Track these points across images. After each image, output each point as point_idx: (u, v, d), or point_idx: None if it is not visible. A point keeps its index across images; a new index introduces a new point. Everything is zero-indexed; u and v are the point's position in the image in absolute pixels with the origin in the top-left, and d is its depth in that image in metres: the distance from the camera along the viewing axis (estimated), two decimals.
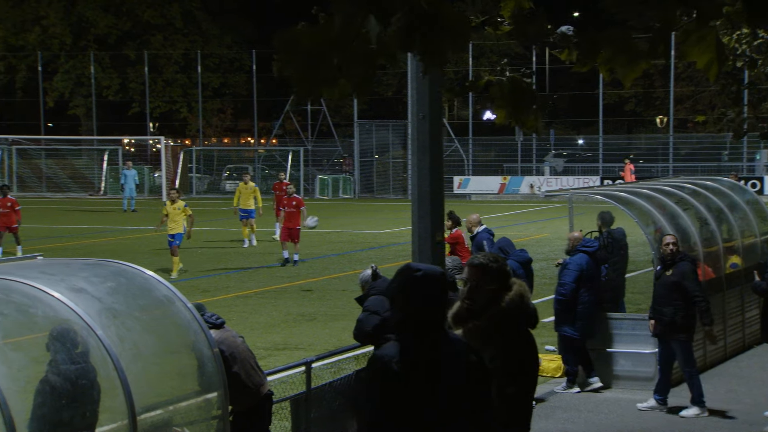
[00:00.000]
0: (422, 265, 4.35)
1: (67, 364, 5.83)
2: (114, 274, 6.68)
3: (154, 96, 53.60)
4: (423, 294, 4.14)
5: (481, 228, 13.95)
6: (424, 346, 4.12)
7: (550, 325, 12.05)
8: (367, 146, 47.31)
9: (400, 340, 4.15)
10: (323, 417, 8.49)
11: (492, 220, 24.79)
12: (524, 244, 17.97)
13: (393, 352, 4.10)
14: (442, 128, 8.48)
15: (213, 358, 6.54)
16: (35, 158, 49.37)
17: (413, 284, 4.16)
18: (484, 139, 47.78)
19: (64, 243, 25.97)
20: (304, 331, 14.80)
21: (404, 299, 4.16)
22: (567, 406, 10.69)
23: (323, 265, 22.17)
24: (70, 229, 30.29)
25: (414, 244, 8.56)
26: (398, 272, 4.29)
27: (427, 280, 4.17)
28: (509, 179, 45.13)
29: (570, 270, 11.08)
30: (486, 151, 48.63)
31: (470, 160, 46.88)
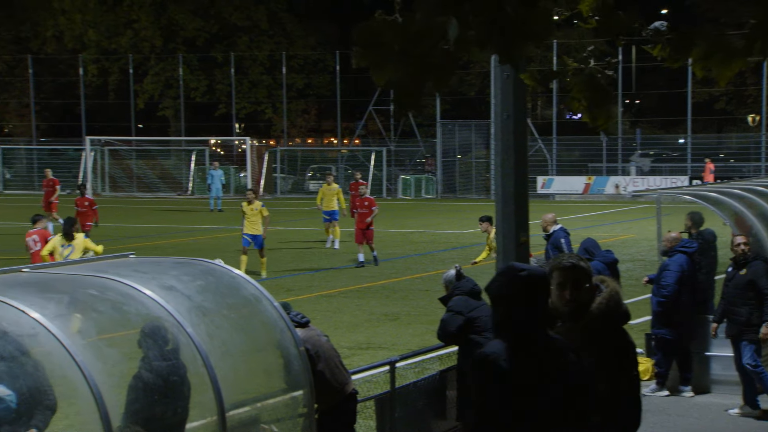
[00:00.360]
0: (526, 266, 4.40)
1: (159, 361, 5.95)
2: (203, 273, 6.80)
3: (240, 97, 54.41)
4: (526, 294, 4.20)
5: (556, 227, 13.81)
6: (527, 346, 4.19)
7: (638, 327, 11.85)
8: (450, 146, 47.18)
9: (502, 339, 4.22)
10: (408, 416, 8.51)
11: (577, 221, 24.51)
12: (610, 245, 17.69)
13: (499, 350, 4.17)
14: (526, 128, 8.41)
15: (299, 357, 6.60)
16: (126, 159, 50.59)
17: (517, 284, 4.21)
18: (569, 139, 47.18)
19: (153, 242, 26.56)
20: (387, 330, 14.84)
21: (507, 299, 4.22)
22: (656, 409, 10.49)
23: (406, 265, 22.20)
24: (159, 228, 30.97)
25: (498, 244, 8.49)
26: (501, 272, 4.38)
27: (531, 280, 4.23)
28: (594, 179, 44.49)
29: (671, 271, 10.90)
30: (570, 150, 47.99)
31: (554, 159, 46.36)
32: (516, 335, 4.19)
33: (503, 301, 4.24)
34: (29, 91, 55.18)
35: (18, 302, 5.38)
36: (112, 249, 23.19)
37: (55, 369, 5.43)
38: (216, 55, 54.62)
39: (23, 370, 5.36)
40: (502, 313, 4.25)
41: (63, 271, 6.53)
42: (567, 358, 4.27)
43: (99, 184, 48.17)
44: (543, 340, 4.24)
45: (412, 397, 8.64)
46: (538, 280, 4.25)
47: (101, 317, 6.03)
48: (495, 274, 4.50)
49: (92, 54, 54.95)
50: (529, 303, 4.20)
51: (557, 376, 4.19)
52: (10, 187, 50.27)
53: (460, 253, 23.64)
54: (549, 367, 4.19)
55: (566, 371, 4.23)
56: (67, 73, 56.18)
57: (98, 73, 55.26)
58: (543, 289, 4.27)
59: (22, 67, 55.98)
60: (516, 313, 4.20)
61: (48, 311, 5.40)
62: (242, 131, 55.76)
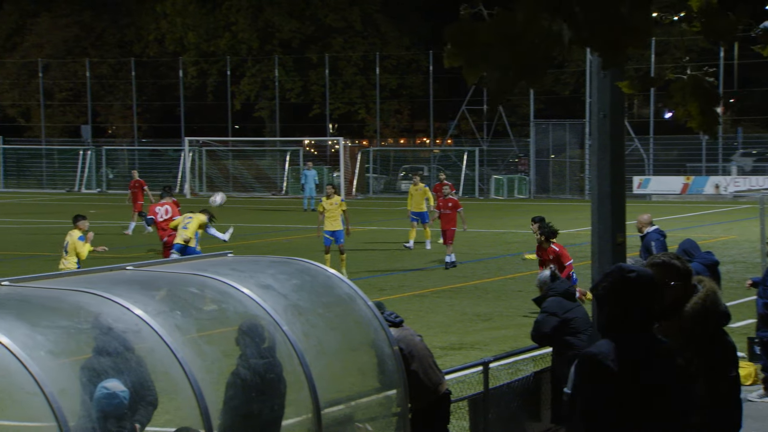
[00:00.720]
0: (635, 267, 4.40)
1: (256, 358, 6.05)
2: (299, 272, 6.89)
3: (333, 98, 54.88)
4: (635, 295, 4.21)
5: (651, 228, 13.54)
6: (634, 346, 4.19)
7: (739, 330, 11.53)
8: (544, 146, 46.66)
9: (610, 339, 4.23)
10: (501, 418, 8.45)
11: (674, 222, 23.98)
12: (709, 246, 17.24)
13: (607, 350, 4.18)
14: (623, 127, 8.27)
15: (393, 356, 6.62)
16: (223, 159, 51.54)
17: (625, 285, 4.22)
18: (666, 138, 46.13)
19: (249, 241, 27.01)
20: (480, 330, 14.77)
21: (615, 299, 4.23)
22: (759, 416, 10.18)
23: (498, 265, 22.06)
24: (254, 227, 31.47)
25: (593, 245, 8.37)
26: (609, 273, 4.37)
27: (640, 281, 4.23)
28: (693, 179, 43.43)
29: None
30: (668, 150, 46.92)
31: (651, 159, 45.43)
32: (623, 336, 4.20)
33: (611, 302, 4.25)
34: (132, 94, 56.75)
35: (122, 299, 5.54)
36: (210, 248, 23.65)
37: (156, 365, 5.57)
38: (311, 56, 55.20)
39: (128, 366, 5.51)
40: (609, 313, 4.25)
41: (164, 270, 6.69)
42: (674, 359, 4.28)
43: (197, 183, 49.22)
44: (650, 342, 4.24)
45: (505, 398, 8.58)
46: (646, 282, 4.26)
47: (201, 314, 6.17)
48: (602, 274, 4.48)
49: (192, 56, 56.17)
50: (637, 304, 4.21)
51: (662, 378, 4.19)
52: (113, 187, 51.78)
53: None
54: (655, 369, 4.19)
55: (672, 373, 4.23)
56: (168, 75, 57.56)
57: (197, 75, 56.44)
58: (651, 290, 4.27)
59: (125, 70, 57.59)
60: (623, 314, 4.21)
61: (150, 308, 5.55)
62: (335, 131, 56.23)
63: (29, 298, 5.68)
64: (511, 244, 26.14)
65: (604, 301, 4.29)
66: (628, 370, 4.14)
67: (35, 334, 5.10)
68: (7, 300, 5.56)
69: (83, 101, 57.29)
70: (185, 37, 56.24)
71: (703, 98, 3.86)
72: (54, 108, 58.84)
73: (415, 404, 7.25)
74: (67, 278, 6.42)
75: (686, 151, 45.72)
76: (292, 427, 6.22)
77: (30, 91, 58.79)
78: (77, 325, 5.53)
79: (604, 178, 8.09)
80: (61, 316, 5.52)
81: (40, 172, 54.18)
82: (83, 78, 56.95)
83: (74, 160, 52.81)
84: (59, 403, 4.72)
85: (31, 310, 5.45)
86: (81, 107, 57.93)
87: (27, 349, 4.87)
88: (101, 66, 58.10)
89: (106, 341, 5.48)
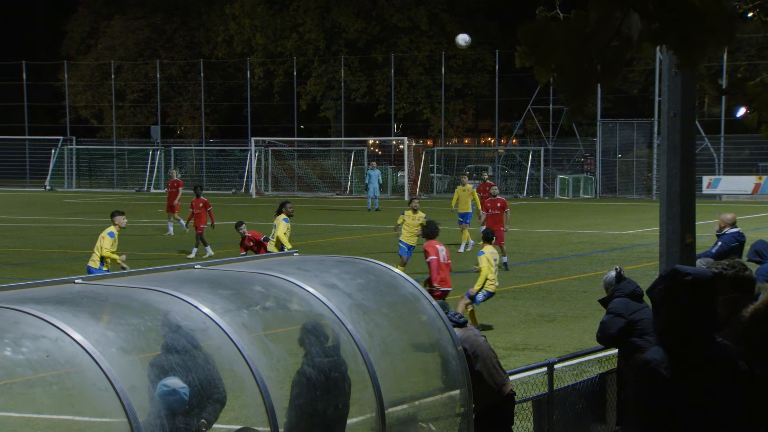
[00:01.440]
0: (691, 269, 4.26)
1: (321, 357, 6.08)
2: (363, 271, 6.90)
3: (398, 98, 54.93)
4: (691, 299, 4.07)
5: (731, 230, 13.25)
6: (692, 352, 4.07)
7: None
8: (610, 145, 46.12)
9: (666, 344, 4.11)
10: (566, 419, 8.37)
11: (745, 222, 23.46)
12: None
13: (661, 357, 4.07)
14: (694, 126, 8.13)
15: (457, 356, 6.60)
16: (288, 159, 51.95)
17: (681, 289, 4.09)
18: (737, 137, 45.22)
19: (314, 240, 27.18)
20: (543, 331, 14.64)
21: (671, 304, 4.10)
22: None
23: (563, 265, 21.84)
24: (318, 227, 31.66)
25: (662, 245, 8.25)
26: (664, 276, 4.23)
27: (697, 285, 4.10)
28: (765, 179, 42.49)
29: None
30: (739, 149, 45.99)
31: (721, 159, 44.57)
32: (680, 341, 4.07)
33: (666, 306, 4.12)
34: (200, 94, 57.53)
35: (190, 297, 5.61)
36: None
37: (223, 363, 5.63)
38: (376, 56, 55.33)
39: (195, 363, 5.58)
40: (665, 317, 4.12)
41: (231, 269, 6.76)
42: (736, 365, 4.13)
43: (262, 183, 49.69)
44: (710, 346, 4.10)
45: (570, 399, 8.50)
46: (703, 284, 4.11)
47: (266, 313, 6.21)
48: (658, 276, 4.36)
49: (259, 57, 56.73)
50: (694, 308, 4.06)
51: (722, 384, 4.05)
52: None
53: (620, 255, 23.07)
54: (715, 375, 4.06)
55: (732, 379, 4.08)
56: (235, 76, 58.23)
57: (264, 76, 56.99)
58: (711, 294, 4.12)
59: (194, 72, 58.41)
60: (680, 319, 4.07)
61: (217, 306, 5.61)
62: (400, 131, 56.28)
63: (101, 296, 5.78)
64: (576, 244, 25.87)
65: (659, 305, 4.17)
66: (684, 377, 4.02)
67: (106, 332, 5.18)
68: (80, 298, 5.67)
69: (153, 102, 58.26)
70: (253, 39, 56.82)
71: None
72: (125, 109, 59.95)
73: (479, 405, 7.21)
74: (138, 277, 6.53)
75: (758, 150, 44.76)
76: (356, 426, 6.23)
77: (102, 92, 59.99)
78: (147, 322, 5.62)
79: (673, 178, 7.98)
80: (131, 314, 5.61)
81: (111, 172, 55.23)
82: (153, 79, 57.91)
83: (143, 160, 53.72)
84: (129, 399, 4.79)
85: (102, 307, 5.55)
86: (151, 108, 58.93)
87: (99, 346, 4.95)
88: (171, 67, 59.01)
89: (175, 339, 5.55)
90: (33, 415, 7.44)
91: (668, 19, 2.99)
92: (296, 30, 56.26)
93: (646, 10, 2.99)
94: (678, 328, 4.08)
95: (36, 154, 55.37)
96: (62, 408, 6.45)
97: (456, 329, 7.06)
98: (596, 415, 8.79)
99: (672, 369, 4.02)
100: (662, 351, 4.09)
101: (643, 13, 2.98)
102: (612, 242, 26.31)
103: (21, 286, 5.97)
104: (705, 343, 4.10)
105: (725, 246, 12.85)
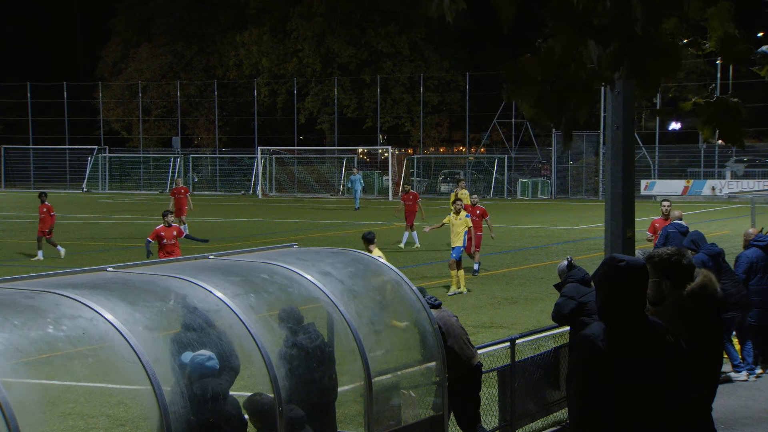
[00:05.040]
0: (626, 257, 4.25)
1: (316, 334, 6.06)
2: (353, 261, 6.88)
3: (383, 113, 54.91)
4: (625, 282, 4.06)
5: (676, 221, 13.34)
6: (625, 328, 4.05)
7: None
8: (563, 154, 46.32)
9: (604, 321, 4.10)
10: (526, 386, 8.38)
11: None
12: None
13: (599, 332, 4.06)
14: (633, 137, 8.15)
15: (433, 333, 6.59)
16: (289, 165, 51.83)
17: (617, 273, 4.09)
18: (669, 147, 45.50)
19: (311, 234, 27.13)
20: (507, 312, 14.66)
21: (609, 285, 4.10)
22: (748, 386, 9.97)
23: (524, 256, 21.88)
24: (315, 222, 31.60)
25: (606, 239, 8.26)
26: (604, 262, 4.24)
27: (630, 269, 4.09)
28: (692, 182, 42.72)
29: (741, 263, 10.48)
30: (671, 157, 46.24)
31: (656, 165, 44.79)
32: (616, 318, 4.05)
33: (604, 288, 4.12)
34: (214, 110, 57.32)
35: (205, 284, 5.58)
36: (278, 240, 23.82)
37: (234, 339, 5.61)
38: (365, 77, 55.27)
39: (210, 339, 5.55)
40: (603, 298, 4.12)
41: (240, 259, 6.73)
42: (665, 338, 4.12)
43: (267, 186, 49.60)
44: (641, 323, 4.08)
45: (529, 369, 8.51)
46: (636, 270, 4.10)
47: (270, 297, 6.19)
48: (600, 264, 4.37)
49: (264, 78, 56.58)
50: (627, 289, 4.05)
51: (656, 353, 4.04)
52: (197, 189, 52.38)
53: (572, 246, 23.12)
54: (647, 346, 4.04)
55: (661, 351, 4.08)
56: (244, 94, 58.05)
57: (269, 95, 56.85)
58: (641, 277, 4.11)
59: (209, 91, 58.21)
60: (616, 299, 4.06)
61: (229, 291, 5.58)
62: (385, 141, 56.23)
63: (129, 282, 5.75)
64: (534, 237, 25.91)
65: (599, 287, 4.18)
66: (618, 350, 4.00)
67: (134, 312, 5.16)
68: (111, 283, 5.63)
69: (174, 117, 58.05)
70: (259, 63, 56.68)
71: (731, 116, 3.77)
72: (150, 123, 59.68)
73: (452, 374, 7.21)
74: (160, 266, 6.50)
75: (687, 158, 45.06)
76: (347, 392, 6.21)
77: (131, 108, 59.70)
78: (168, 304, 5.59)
79: (616, 181, 7.99)
80: (154, 298, 5.58)
81: (138, 176, 55.01)
82: (175, 97, 57.68)
83: (166, 166, 53.56)
84: (154, 370, 4.77)
85: (130, 292, 5.52)
86: (172, 122, 58.69)
87: (127, 324, 4.93)
88: (189, 87, 58.79)
89: (192, 319, 5.52)
90: (72, 383, 7.41)
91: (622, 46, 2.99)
92: (296, 55, 56.13)
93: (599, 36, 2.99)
94: (613, 307, 4.07)
95: (74, 161, 55.11)
96: (97, 377, 6.41)
97: (432, 310, 7.06)
98: (551, 383, 8.81)
99: (607, 343, 3.99)
100: (600, 327, 4.07)
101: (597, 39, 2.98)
102: (565, 236, 26.37)
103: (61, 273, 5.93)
104: (636, 321, 4.07)
105: (661, 237, 12.89)
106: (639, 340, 4.03)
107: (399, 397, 6.46)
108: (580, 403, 4.04)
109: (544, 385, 8.71)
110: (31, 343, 4.73)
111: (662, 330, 4.15)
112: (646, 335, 4.06)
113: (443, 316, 7.50)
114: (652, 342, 4.06)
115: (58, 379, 6.77)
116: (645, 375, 4.00)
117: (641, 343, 4.03)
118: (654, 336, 4.08)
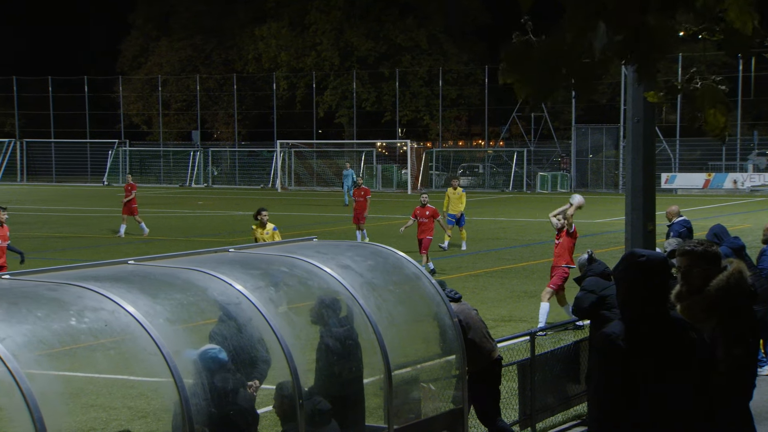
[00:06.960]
0: (646, 251, 4.18)
1: (337, 327, 6.06)
2: (372, 254, 6.88)
3: (402, 106, 54.81)
4: (645, 277, 3.98)
5: (678, 219, 13.20)
6: (647, 324, 3.98)
7: None
8: (583, 147, 46.07)
9: (624, 318, 4.02)
10: (546, 380, 8.35)
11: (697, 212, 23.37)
12: None
13: (619, 330, 3.99)
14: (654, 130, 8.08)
15: (453, 327, 6.58)
16: (308, 158, 51.90)
17: (637, 268, 4.01)
18: (691, 140, 45.06)
19: (330, 228, 27.17)
20: (527, 305, 14.62)
21: (628, 282, 4.02)
22: None
23: (543, 249, 21.79)
24: (335, 216, 31.62)
25: (627, 232, 8.23)
26: (624, 257, 4.16)
27: (650, 264, 4.02)
28: (713, 176, 42.35)
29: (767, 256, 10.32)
30: (692, 150, 45.85)
31: (677, 158, 44.44)
32: (636, 315, 3.98)
33: (624, 284, 4.05)
34: (233, 104, 57.47)
35: (226, 276, 5.60)
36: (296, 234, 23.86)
37: (254, 332, 5.62)
38: (383, 71, 55.19)
39: (230, 332, 5.56)
40: (623, 294, 4.06)
41: (260, 252, 6.75)
42: (686, 334, 4.05)
43: (286, 179, 49.68)
44: (663, 319, 4.00)
45: (549, 363, 8.48)
46: (657, 265, 4.02)
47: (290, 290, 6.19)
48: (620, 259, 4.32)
49: (283, 72, 56.64)
50: (647, 285, 3.98)
51: (674, 352, 3.96)
52: (217, 182, 52.59)
53: (592, 240, 23.00)
54: (667, 344, 3.96)
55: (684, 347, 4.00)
56: (263, 88, 58.14)
57: (287, 88, 56.91)
58: (662, 272, 4.03)
59: (228, 84, 58.36)
60: (636, 295, 3.99)
61: (249, 284, 5.59)
62: (403, 135, 56.17)
63: (150, 275, 5.77)
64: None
65: (619, 282, 4.11)
66: (640, 347, 3.92)
67: (155, 305, 5.18)
68: (133, 276, 5.66)
69: (193, 110, 58.26)
70: (278, 56, 56.73)
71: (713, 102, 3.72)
72: (170, 116, 59.95)
73: (472, 368, 7.20)
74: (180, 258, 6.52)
75: (708, 152, 44.66)
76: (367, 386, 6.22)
77: (151, 102, 59.99)
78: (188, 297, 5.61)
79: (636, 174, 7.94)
80: (175, 290, 5.60)
81: (158, 169, 55.29)
82: (194, 91, 57.89)
83: (185, 159, 53.81)
84: (174, 362, 4.79)
85: (151, 284, 5.55)
86: (192, 115, 58.92)
87: (148, 316, 4.95)
88: (209, 81, 58.98)
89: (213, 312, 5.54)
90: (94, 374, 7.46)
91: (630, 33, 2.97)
92: (315, 49, 56.13)
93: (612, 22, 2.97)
94: (633, 303, 4.00)
95: (95, 154, 55.49)
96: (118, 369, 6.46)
97: (452, 303, 7.04)
98: (571, 377, 8.77)
99: (627, 341, 3.92)
100: (621, 325, 4.00)
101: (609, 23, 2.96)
102: (585, 229, 26.22)
103: (83, 266, 5.97)
104: (658, 317, 4.00)
105: (675, 233, 12.78)
106: (660, 338, 3.97)
107: (419, 391, 6.46)
108: (599, 403, 3.99)
109: (564, 378, 8.68)
110: (54, 335, 4.77)
111: (684, 326, 4.09)
112: (668, 332, 4.00)
113: (463, 309, 7.49)
114: (673, 339, 3.99)
115: (80, 371, 6.82)
116: (666, 374, 3.94)
117: (662, 341, 3.97)
118: (676, 333, 4.02)
